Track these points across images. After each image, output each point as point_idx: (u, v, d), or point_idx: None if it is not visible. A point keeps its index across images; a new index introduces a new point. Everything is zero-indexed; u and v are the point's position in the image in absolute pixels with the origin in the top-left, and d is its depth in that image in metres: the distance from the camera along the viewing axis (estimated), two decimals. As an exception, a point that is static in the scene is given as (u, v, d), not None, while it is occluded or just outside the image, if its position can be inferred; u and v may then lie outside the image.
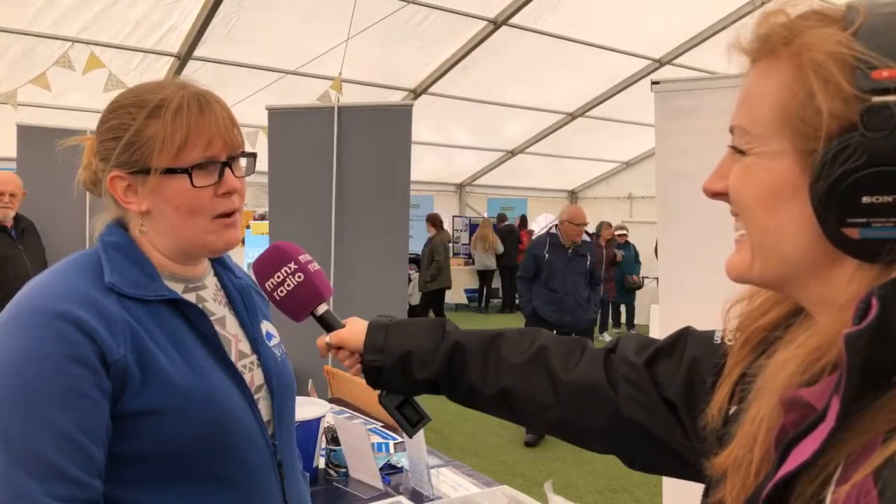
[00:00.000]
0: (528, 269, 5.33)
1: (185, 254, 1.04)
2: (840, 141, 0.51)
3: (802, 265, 0.56)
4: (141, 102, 0.98)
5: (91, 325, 0.89)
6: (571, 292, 5.18)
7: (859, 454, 0.50)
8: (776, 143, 0.56)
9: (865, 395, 0.49)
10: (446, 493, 1.88)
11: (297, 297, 1.02)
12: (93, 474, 0.87)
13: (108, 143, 0.99)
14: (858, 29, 0.52)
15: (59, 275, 0.96)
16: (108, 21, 5.87)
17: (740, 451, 0.59)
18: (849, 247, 0.52)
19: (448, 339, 0.96)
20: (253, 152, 1.06)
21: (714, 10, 7.24)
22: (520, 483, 3.96)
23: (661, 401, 0.83)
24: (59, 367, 0.86)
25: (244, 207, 1.07)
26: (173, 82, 1.02)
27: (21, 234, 3.94)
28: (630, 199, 12.65)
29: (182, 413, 0.93)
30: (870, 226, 0.51)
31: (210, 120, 0.98)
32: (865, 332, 0.48)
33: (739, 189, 0.59)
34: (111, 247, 0.99)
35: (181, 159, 0.97)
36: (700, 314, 0.81)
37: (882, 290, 0.49)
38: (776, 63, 0.57)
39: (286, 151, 4.33)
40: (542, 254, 5.28)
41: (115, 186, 1.00)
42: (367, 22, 6.05)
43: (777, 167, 0.56)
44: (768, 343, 0.65)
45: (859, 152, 0.50)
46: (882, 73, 0.50)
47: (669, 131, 2.80)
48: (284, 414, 1.12)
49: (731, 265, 0.62)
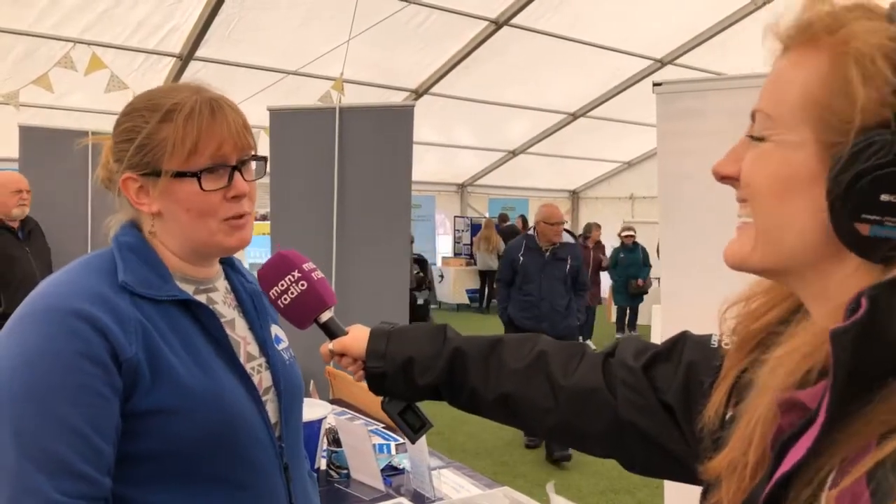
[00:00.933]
0: (505, 272, 5.05)
1: (196, 254, 1.05)
2: (869, 136, 0.51)
3: (804, 257, 0.56)
4: (154, 106, 1.00)
5: (104, 322, 0.90)
6: (547, 297, 4.82)
7: (853, 458, 0.50)
8: (799, 131, 0.56)
9: (858, 395, 0.49)
10: (447, 495, 1.88)
11: (300, 304, 1.03)
12: (102, 471, 0.88)
13: (122, 144, 1.01)
14: None
15: (73, 274, 0.97)
16: (110, 22, 5.87)
17: (736, 454, 0.59)
18: (855, 243, 0.52)
19: (449, 345, 0.97)
20: (264, 156, 1.07)
21: (716, 10, 7.24)
22: (521, 484, 3.96)
23: (660, 405, 0.84)
24: (71, 364, 0.87)
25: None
26: (188, 86, 1.03)
27: (28, 235, 3.96)
28: (632, 200, 12.65)
29: (191, 413, 0.94)
30: (882, 224, 0.51)
31: (221, 124, 0.99)
32: (851, 329, 0.49)
33: (753, 175, 0.59)
34: (125, 247, 1.01)
35: (191, 163, 0.98)
36: (701, 315, 0.81)
37: (873, 291, 0.49)
38: (814, 51, 0.56)
39: (288, 152, 4.33)
40: (516, 256, 4.97)
41: (128, 188, 1.01)
42: (369, 22, 6.05)
43: (795, 157, 0.56)
44: (765, 345, 0.65)
45: (886, 150, 0.50)
46: None
47: (671, 133, 2.79)
48: (292, 417, 1.13)
49: (730, 251, 0.62)
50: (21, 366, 0.87)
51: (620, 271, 9.09)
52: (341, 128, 4.23)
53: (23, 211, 3.88)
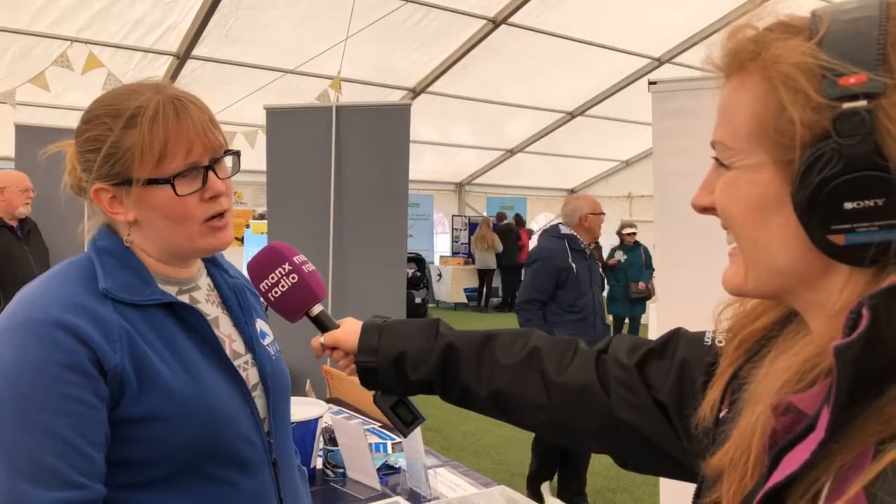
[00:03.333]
0: (543, 288, 3.70)
1: (176, 257, 1.04)
2: (815, 150, 0.51)
3: (796, 274, 0.56)
4: (116, 112, 0.96)
5: (86, 332, 0.89)
6: (599, 312, 3.80)
7: (849, 468, 0.49)
8: (756, 155, 0.56)
9: (855, 403, 0.49)
10: (444, 494, 1.88)
11: (291, 297, 1.02)
12: (94, 478, 0.88)
13: (88, 154, 0.98)
14: (823, 37, 0.52)
15: (52, 282, 0.95)
16: (106, 20, 5.87)
17: (736, 452, 0.59)
18: (837, 253, 0.52)
19: (441, 340, 0.96)
20: (236, 150, 1.04)
21: (714, 8, 7.23)
22: (518, 483, 3.96)
23: (653, 402, 0.83)
24: (54, 374, 0.86)
25: (244, 207, 1.07)
26: (148, 85, 0.99)
27: (27, 234, 3.96)
28: (630, 198, 12.64)
29: (179, 418, 0.94)
30: (854, 231, 0.51)
31: (188, 125, 0.96)
32: (856, 342, 0.48)
33: (726, 203, 0.59)
34: (104, 252, 0.99)
35: (162, 169, 0.95)
36: (698, 313, 0.81)
37: (873, 300, 0.49)
38: (747, 77, 0.57)
39: (285, 151, 4.34)
40: (566, 264, 3.70)
41: (101, 198, 0.99)
42: (367, 21, 6.04)
43: (759, 179, 0.56)
44: (762, 344, 0.65)
45: (835, 159, 0.50)
46: (849, 79, 0.50)
47: (667, 131, 2.80)
48: (279, 412, 1.12)
49: (726, 278, 0.62)
50: (3, 380, 0.87)
51: (619, 274, 7.57)
52: (338, 127, 4.23)
53: (27, 209, 3.90)
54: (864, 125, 0.49)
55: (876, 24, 0.51)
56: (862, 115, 0.49)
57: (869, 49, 0.50)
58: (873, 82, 0.49)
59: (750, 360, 0.65)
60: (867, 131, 0.49)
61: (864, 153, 0.49)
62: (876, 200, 0.49)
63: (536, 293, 3.72)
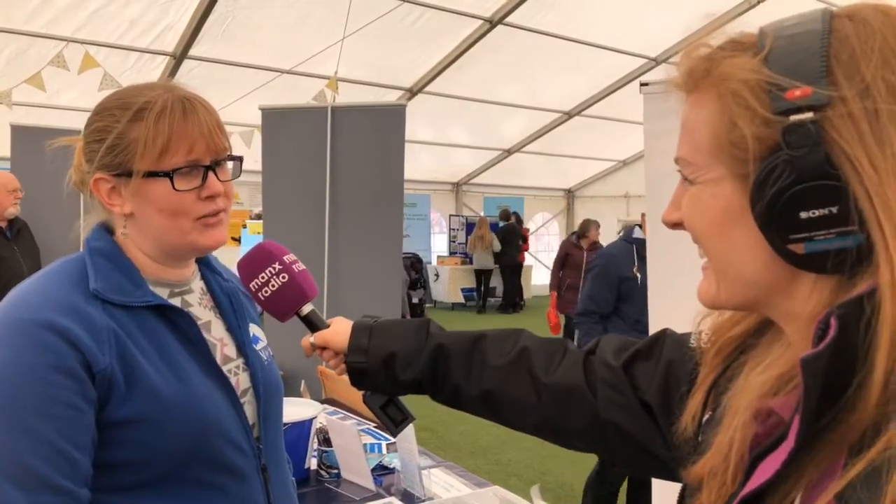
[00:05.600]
0: (602, 299, 3.30)
1: (170, 255, 1.03)
2: (767, 162, 0.53)
3: (765, 285, 0.57)
4: (125, 105, 0.98)
5: (75, 334, 0.89)
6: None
7: (820, 477, 0.50)
8: (716, 170, 0.58)
9: (824, 414, 0.50)
10: (438, 494, 1.88)
11: (281, 297, 1.02)
12: (79, 483, 0.88)
13: (93, 144, 0.99)
14: (768, 53, 0.54)
15: (43, 282, 0.96)
16: (102, 21, 5.86)
17: (716, 461, 0.60)
18: (799, 261, 0.53)
19: (432, 340, 0.96)
20: (239, 156, 1.05)
21: (710, 8, 7.23)
22: (514, 483, 3.97)
23: (639, 403, 0.84)
24: (42, 377, 0.86)
25: (240, 207, 1.07)
26: (160, 84, 1.01)
27: (16, 234, 3.96)
28: (627, 198, 12.66)
29: (166, 422, 0.94)
30: (812, 239, 0.52)
31: (193, 123, 0.97)
32: (824, 353, 0.49)
33: (692, 218, 0.61)
34: (97, 252, 0.99)
35: (163, 163, 0.96)
36: (689, 313, 0.82)
37: (841, 310, 0.49)
38: (702, 95, 0.58)
39: (280, 151, 4.33)
40: (629, 274, 3.26)
41: (100, 188, 1.00)
42: (363, 21, 6.05)
43: (721, 193, 0.57)
44: (741, 351, 0.66)
45: (787, 171, 0.51)
46: (794, 92, 0.52)
47: (659, 132, 2.80)
48: (270, 417, 1.12)
49: (700, 293, 0.63)
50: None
51: None
52: (333, 127, 4.23)
53: (16, 210, 3.92)
54: (812, 136, 0.51)
55: (818, 37, 0.53)
56: (808, 127, 0.51)
57: (812, 62, 0.52)
58: (817, 95, 0.51)
59: (729, 367, 0.66)
60: (815, 142, 0.51)
61: (814, 163, 0.51)
62: (830, 208, 0.51)
63: (594, 305, 3.34)
